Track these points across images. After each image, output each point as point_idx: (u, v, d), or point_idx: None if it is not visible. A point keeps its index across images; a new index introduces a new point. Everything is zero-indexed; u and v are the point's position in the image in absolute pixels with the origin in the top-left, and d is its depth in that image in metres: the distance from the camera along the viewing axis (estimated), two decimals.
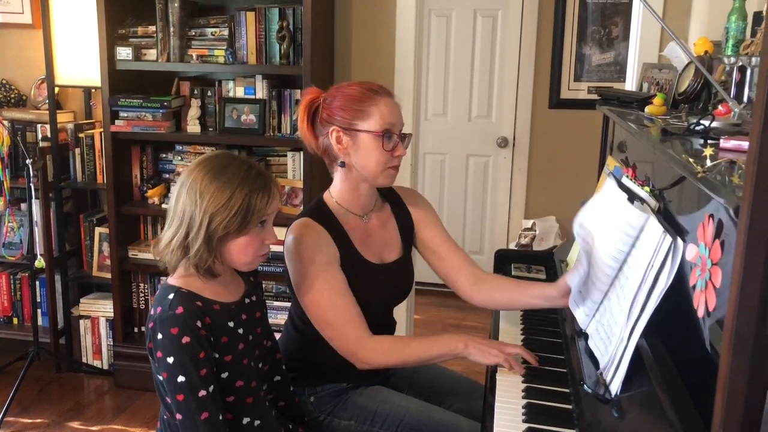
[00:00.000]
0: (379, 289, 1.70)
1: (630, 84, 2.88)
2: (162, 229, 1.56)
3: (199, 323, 1.35)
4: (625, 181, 1.54)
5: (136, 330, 3.23)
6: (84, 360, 3.30)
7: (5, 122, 3.17)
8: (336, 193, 1.69)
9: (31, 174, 2.99)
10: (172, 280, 1.44)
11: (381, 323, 1.72)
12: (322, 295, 1.57)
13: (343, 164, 1.63)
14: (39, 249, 3.12)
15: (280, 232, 2.10)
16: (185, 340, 1.33)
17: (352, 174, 1.65)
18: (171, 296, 1.37)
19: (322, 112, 1.63)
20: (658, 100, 1.77)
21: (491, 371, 1.58)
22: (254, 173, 1.40)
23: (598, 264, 1.43)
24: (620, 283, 1.34)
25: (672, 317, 1.19)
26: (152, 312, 1.39)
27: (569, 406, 1.40)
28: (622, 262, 1.36)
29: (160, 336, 1.34)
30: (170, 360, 1.33)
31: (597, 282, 1.45)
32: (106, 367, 3.28)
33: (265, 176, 1.42)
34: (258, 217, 1.39)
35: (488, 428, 1.37)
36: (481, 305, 1.79)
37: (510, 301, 1.74)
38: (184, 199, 1.38)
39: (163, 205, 3.00)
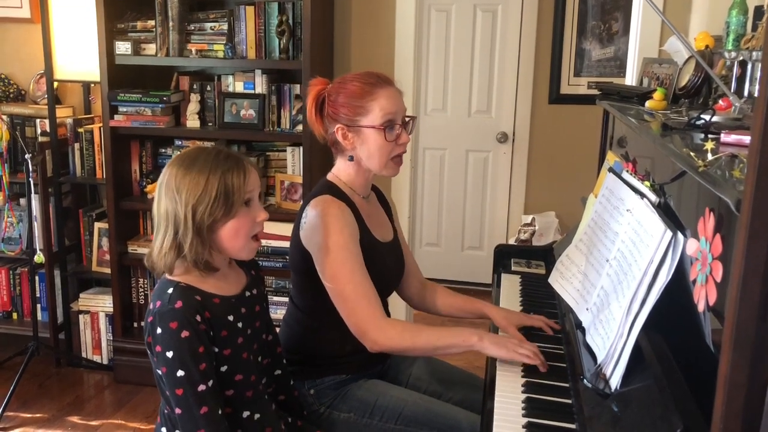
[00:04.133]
0: (387, 267, 1.76)
1: (630, 79, 2.87)
2: None
3: (198, 317, 1.35)
4: (625, 176, 1.53)
5: (135, 325, 3.23)
6: (83, 355, 3.31)
7: (4, 117, 3.17)
8: (344, 176, 1.73)
9: (30, 169, 2.99)
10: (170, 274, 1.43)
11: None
12: (344, 266, 1.58)
13: (351, 158, 1.69)
14: (38, 244, 3.12)
15: (282, 228, 2.09)
16: (184, 334, 1.33)
17: (360, 165, 1.70)
18: (170, 290, 1.37)
19: (327, 108, 1.68)
20: (658, 95, 1.77)
21: (491, 366, 1.58)
22: (223, 155, 1.41)
23: (595, 256, 1.43)
24: (620, 278, 1.34)
25: (672, 312, 1.19)
26: (151, 306, 1.39)
27: (569, 401, 1.40)
28: (622, 257, 1.35)
29: (159, 330, 1.34)
30: (169, 354, 1.33)
31: (594, 276, 1.45)
32: (105, 362, 3.28)
33: (236, 156, 1.43)
34: (240, 197, 1.39)
35: (488, 422, 1.37)
36: (419, 309, 1.94)
37: (449, 313, 1.90)
38: (165, 201, 1.39)
39: None
